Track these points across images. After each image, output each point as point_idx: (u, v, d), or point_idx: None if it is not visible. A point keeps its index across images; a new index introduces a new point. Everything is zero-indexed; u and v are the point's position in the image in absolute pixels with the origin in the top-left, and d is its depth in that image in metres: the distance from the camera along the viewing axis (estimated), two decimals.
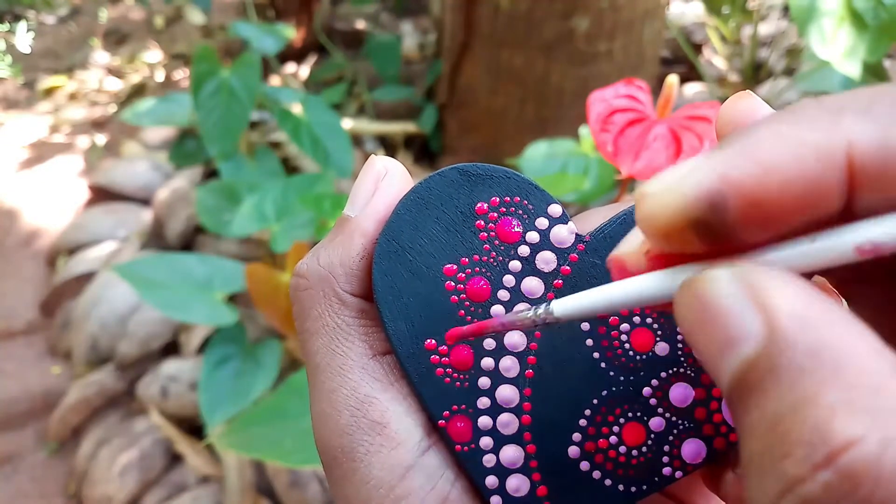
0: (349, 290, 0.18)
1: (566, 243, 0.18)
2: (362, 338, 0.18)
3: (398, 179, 0.19)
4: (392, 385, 0.18)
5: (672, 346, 0.18)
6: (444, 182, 0.18)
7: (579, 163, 0.69)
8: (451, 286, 0.18)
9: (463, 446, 0.17)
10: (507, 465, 0.18)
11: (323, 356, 0.18)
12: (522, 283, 0.18)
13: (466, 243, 0.18)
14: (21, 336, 1.21)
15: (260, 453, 0.58)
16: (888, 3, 0.76)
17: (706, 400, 0.18)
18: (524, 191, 0.19)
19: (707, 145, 0.39)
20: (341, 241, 0.18)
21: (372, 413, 0.17)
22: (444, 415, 0.18)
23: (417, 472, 0.17)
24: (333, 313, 0.18)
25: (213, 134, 1.04)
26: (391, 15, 1.92)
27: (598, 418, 0.18)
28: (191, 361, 1.02)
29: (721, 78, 1.41)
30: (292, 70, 1.72)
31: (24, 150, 1.68)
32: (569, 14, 1.05)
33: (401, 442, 0.17)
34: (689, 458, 0.17)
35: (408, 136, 1.45)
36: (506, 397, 0.18)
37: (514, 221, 0.18)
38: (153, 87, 1.86)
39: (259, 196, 0.90)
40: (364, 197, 0.19)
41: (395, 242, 0.18)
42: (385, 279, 0.18)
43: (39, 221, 1.45)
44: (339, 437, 0.17)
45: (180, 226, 1.25)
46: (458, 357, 0.18)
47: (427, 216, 0.18)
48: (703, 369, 0.18)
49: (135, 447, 0.93)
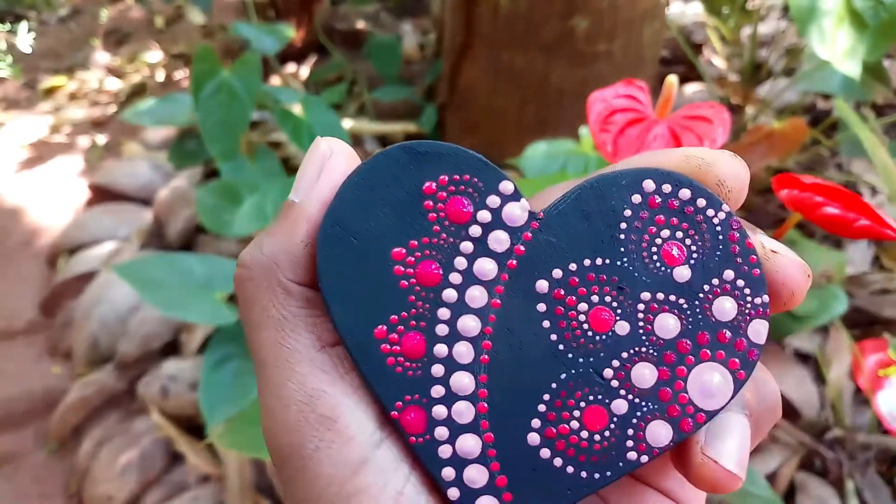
0: (294, 279, 0.17)
1: (519, 221, 0.17)
2: (309, 329, 0.17)
3: (344, 161, 0.18)
4: (342, 377, 0.17)
5: (633, 324, 0.17)
6: (389, 161, 0.17)
7: (579, 163, 0.69)
8: (399, 270, 0.17)
9: (417, 438, 0.17)
10: (464, 456, 0.17)
11: (269, 349, 0.17)
12: (475, 265, 0.17)
13: (415, 225, 0.17)
14: (21, 336, 1.21)
15: (260, 452, 0.58)
16: (888, 3, 0.76)
17: (671, 380, 0.17)
18: (474, 168, 0.18)
19: (707, 145, 0.39)
20: (285, 228, 0.17)
21: (321, 407, 0.16)
22: (397, 406, 0.17)
23: (370, 467, 0.16)
24: (278, 304, 0.17)
25: (214, 134, 1.04)
26: (391, 15, 1.92)
27: (558, 403, 0.17)
28: (191, 361, 1.02)
29: (721, 78, 1.41)
30: (292, 70, 1.72)
31: (24, 150, 1.68)
32: (569, 14, 1.05)
33: (352, 436, 0.16)
34: (655, 441, 0.17)
35: (408, 136, 1.45)
36: (461, 385, 0.17)
37: (464, 200, 0.17)
38: (153, 87, 1.86)
39: (259, 196, 0.90)
40: (309, 180, 0.18)
41: (338, 227, 0.17)
42: (329, 265, 0.17)
43: (40, 221, 1.45)
44: (287, 434, 0.16)
45: (180, 226, 1.25)
46: (410, 344, 0.17)
47: (372, 198, 0.17)
48: (666, 348, 0.17)
49: (135, 447, 0.93)
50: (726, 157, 0.17)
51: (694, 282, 0.17)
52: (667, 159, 0.18)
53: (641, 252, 0.17)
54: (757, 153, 0.87)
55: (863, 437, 0.82)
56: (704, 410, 0.17)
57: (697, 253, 0.17)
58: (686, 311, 0.17)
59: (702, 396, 0.17)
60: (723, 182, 0.17)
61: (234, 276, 0.18)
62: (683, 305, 0.17)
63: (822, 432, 0.84)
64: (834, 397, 0.84)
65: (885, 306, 0.94)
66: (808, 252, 0.81)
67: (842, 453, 0.81)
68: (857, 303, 0.94)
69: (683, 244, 0.17)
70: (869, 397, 0.74)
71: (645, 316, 0.17)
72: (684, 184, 0.17)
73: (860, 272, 1.00)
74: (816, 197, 0.31)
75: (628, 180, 0.17)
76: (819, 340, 0.90)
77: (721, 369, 0.17)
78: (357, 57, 1.68)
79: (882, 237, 0.30)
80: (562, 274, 0.17)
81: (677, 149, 0.18)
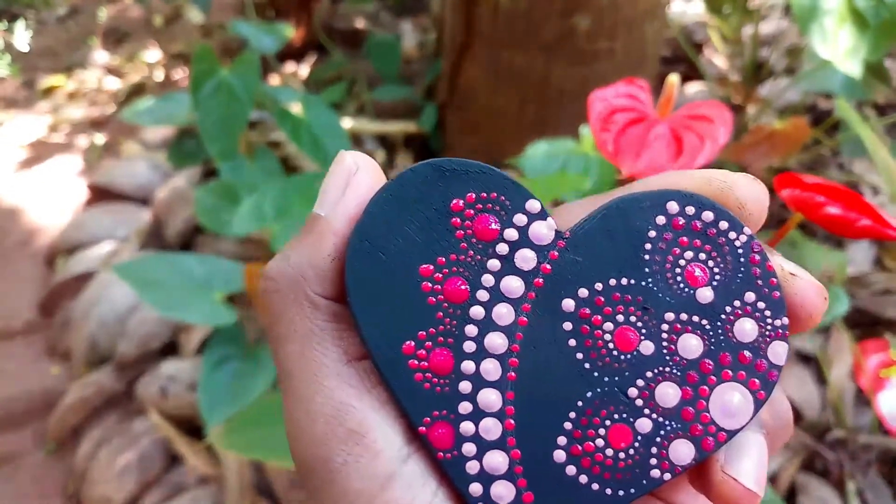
0: (321, 293, 0.17)
1: (545, 240, 0.18)
2: (336, 342, 0.17)
3: (370, 176, 0.18)
4: (369, 392, 0.17)
5: (657, 345, 0.17)
6: (417, 179, 0.18)
7: (579, 162, 0.68)
8: (427, 287, 0.17)
9: (445, 453, 0.17)
10: (492, 472, 0.17)
11: (295, 362, 0.17)
12: (502, 283, 0.18)
13: (443, 242, 0.17)
14: (20, 336, 1.20)
15: (259, 453, 0.58)
16: (890, 3, 0.75)
17: (693, 400, 0.17)
18: (501, 186, 0.18)
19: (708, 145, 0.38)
20: (311, 242, 0.17)
21: (349, 421, 0.16)
22: (425, 421, 0.17)
23: (398, 481, 0.16)
24: (305, 317, 0.17)
25: (213, 133, 1.04)
26: (391, 14, 1.92)
27: (584, 421, 0.17)
28: (190, 361, 1.02)
29: (722, 77, 1.41)
30: (292, 69, 1.72)
31: (22, 150, 1.68)
32: (569, 13, 1.05)
33: (380, 451, 0.16)
34: (678, 459, 0.17)
35: (408, 136, 1.44)
36: (488, 402, 0.17)
37: (491, 218, 0.18)
38: (152, 87, 1.86)
39: (258, 195, 0.90)
40: (334, 194, 0.18)
41: (367, 242, 0.17)
42: (358, 281, 0.17)
43: (38, 221, 1.45)
44: (315, 448, 0.16)
45: (179, 225, 1.25)
46: (438, 361, 0.17)
47: (401, 214, 0.17)
48: (689, 368, 0.17)
49: (134, 447, 0.93)
50: (747, 181, 0.18)
51: (716, 303, 0.17)
52: (689, 181, 0.18)
53: (665, 273, 0.18)
54: (758, 153, 0.87)
55: (864, 437, 0.82)
56: (725, 430, 0.17)
57: (720, 275, 0.18)
58: (708, 331, 0.17)
59: (723, 416, 0.17)
60: (744, 205, 0.18)
61: (260, 288, 0.18)
62: (706, 326, 0.17)
63: (824, 433, 0.84)
64: (835, 398, 0.84)
65: (887, 307, 0.94)
66: (810, 252, 0.80)
67: (843, 454, 0.81)
68: (859, 303, 0.94)
69: (706, 266, 0.18)
70: (870, 398, 0.74)
71: (669, 336, 0.17)
72: (707, 206, 0.18)
73: (862, 272, 0.99)
74: (818, 197, 0.31)
75: (653, 202, 0.18)
76: (820, 341, 0.90)
77: (742, 389, 0.17)
78: (356, 56, 1.68)
79: (884, 237, 0.30)
80: (588, 293, 0.18)
81: (700, 171, 0.18)
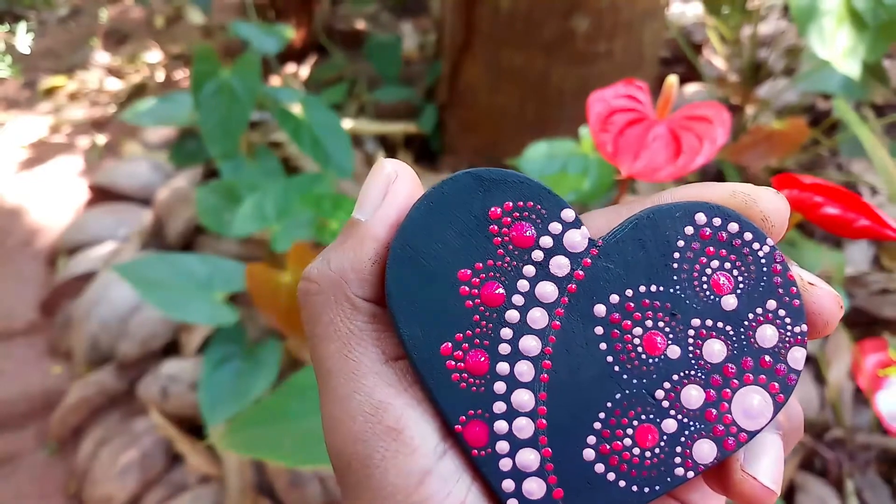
0: (361, 295, 0.18)
1: (579, 248, 0.19)
2: (375, 343, 0.18)
3: (408, 183, 0.19)
4: (406, 390, 0.18)
5: (683, 349, 0.18)
6: (457, 187, 0.19)
7: (579, 163, 0.69)
8: (465, 291, 0.18)
9: (479, 451, 0.18)
10: (524, 469, 0.18)
11: (335, 361, 0.18)
12: (537, 288, 0.18)
13: (481, 248, 0.18)
14: (21, 336, 1.21)
15: (260, 453, 0.58)
16: (888, 3, 0.76)
17: (716, 402, 0.18)
18: (537, 195, 0.19)
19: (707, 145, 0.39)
20: (352, 246, 0.18)
21: (387, 419, 0.17)
22: (461, 419, 0.18)
23: (434, 477, 0.17)
24: (346, 318, 0.18)
25: (214, 134, 1.04)
26: (391, 15, 1.92)
27: (612, 421, 0.18)
28: (191, 361, 1.02)
29: (721, 78, 1.41)
30: (292, 70, 1.72)
31: (24, 150, 1.68)
32: (569, 14, 1.05)
33: (416, 447, 0.17)
34: (701, 458, 0.18)
35: (408, 136, 1.45)
36: (521, 401, 0.18)
37: (527, 226, 0.18)
38: (153, 87, 1.86)
39: (259, 196, 0.90)
40: (374, 201, 0.18)
41: (409, 248, 0.18)
42: (399, 284, 0.18)
43: (40, 221, 1.45)
44: (353, 444, 0.17)
45: (181, 226, 1.25)
46: (474, 362, 0.18)
47: (441, 221, 0.18)
48: (713, 372, 0.18)
49: (135, 447, 0.93)
50: (770, 195, 0.19)
51: (740, 310, 0.18)
52: (715, 193, 0.19)
53: (693, 281, 0.18)
54: (757, 153, 0.87)
55: (863, 437, 0.82)
56: (746, 430, 0.18)
57: (744, 283, 0.18)
58: (732, 337, 0.18)
59: (744, 417, 0.18)
60: (767, 217, 0.19)
61: (300, 289, 0.19)
62: (730, 332, 0.18)
63: (822, 432, 0.84)
64: (834, 397, 0.84)
65: (885, 306, 0.94)
66: (808, 252, 0.81)
67: (842, 453, 0.81)
68: (857, 303, 0.95)
69: (731, 275, 0.18)
70: (869, 397, 0.74)
71: (695, 341, 0.18)
72: (733, 218, 0.18)
73: (860, 272, 1.00)
74: (816, 197, 0.31)
75: (682, 213, 0.19)
76: (819, 341, 0.90)
77: (763, 392, 0.18)
78: (357, 57, 1.68)
79: (882, 237, 0.30)
80: (618, 299, 0.18)
81: (726, 184, 0.19)
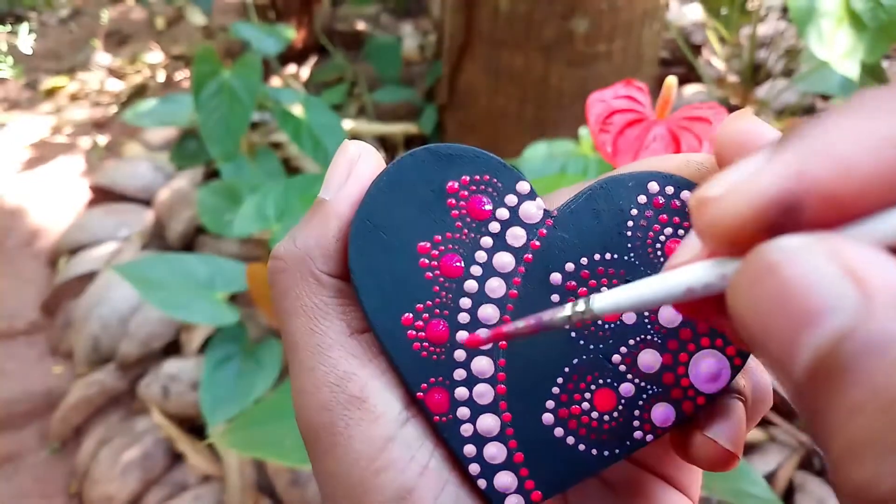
0: (326, 271, 0.18)
1: (535, 219, 0.19)
2: (340, 316, 0.18)
3: (372, 163, 0.19)
4: (370, 361, 0.18)
5: (639, 315, 0.18)
6: (415, 162, 0.19)
7: (578, 163, 0.69)
8: (425, 263, 0.18)
9: (441, 417, 0.18)
10: (484, 434, 0.18)
11: (301, 335, 0.18)
12: (494, 259, 0.19)
13: (439, 221, 0.19)
14: (22, 336, 1.21)
15: (261, 452, 0.58)
16: (887, 4, 0.76)
17: (673, 365, 0.18)
18: (493, 169, 0.19)
19: (706, 146, 0.39)
20: (317, 224, 0.19)
21: (351, 388, 0.17)
22: (422, 387, 0.18)
23: (398, 443, 0.17)
24: (311, 293, 0.18)
25: (215, 135, 1.05)
26: (391, 16, 1.92)
27: (570, 385, 0.18)
28: (192, 361, 1.03)
29: (720, 79, 1.41)
30: (293, 71, 1.73)
31: (26, 151, 1.69)
32: (568, 15, 1.06)
33: (380, 415, 0.17)
34: (659, 421, 0.18)
35: (408, 137, 1.45)
36: (481, 368, 0.18)
37: (484, 199, 0.19)
38: (154, 88, 1.86)
39: (260, 196, 0.90)
40: (338, 180, 0.19)
41: (368, 222, 0.18)
42: (360, 258, 0.18)
43: (41, 222, 1.45)
44: (319, 414, 0.17)
45: (181, 226, 1.25)
46: (434, 331, 0.18)
47: (400, 196, 0.19)
48: (669, 336, 0.18)
49: (136, 446, 0.94)
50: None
51: None
52: (669, 163, 0.19)
53: (647, 248, 0.19)
54: None
55: None
56: (704, 394, 0.18)
57: None
58: None
59: (702, 381, 0.18)
60: None
61: (269, 267, 0.19)
62: None
63: None
64: None
65: None
66: None
67: None
68: None
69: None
70: None
71: None
72: (685, 186, 0.19)
73: None
74: None
75: (635, 182, 0.19)
76: None
77: (719, 356, 0.18)
78: (357, 58, 1.69)
79: None
80: (574, 267, 0.19)
81: (679, 154, 0.19)
